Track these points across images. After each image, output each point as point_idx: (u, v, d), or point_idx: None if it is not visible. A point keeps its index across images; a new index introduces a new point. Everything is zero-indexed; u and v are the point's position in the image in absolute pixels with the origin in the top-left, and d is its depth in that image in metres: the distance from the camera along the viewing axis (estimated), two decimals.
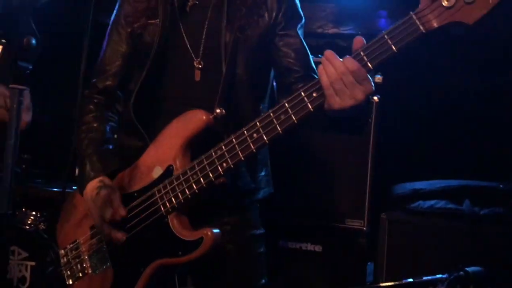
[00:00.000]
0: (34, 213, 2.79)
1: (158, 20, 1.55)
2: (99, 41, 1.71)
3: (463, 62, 3.11)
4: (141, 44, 1.59)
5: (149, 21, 1.57)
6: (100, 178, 1.52)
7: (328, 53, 1.30)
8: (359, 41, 1.28)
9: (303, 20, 1.64)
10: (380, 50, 1.25)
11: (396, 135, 3.16)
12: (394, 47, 1.23)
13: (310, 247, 2.82)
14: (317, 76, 1.31)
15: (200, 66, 1.55)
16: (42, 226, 2.71)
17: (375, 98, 2.78)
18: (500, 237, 2.46)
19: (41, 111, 3.22)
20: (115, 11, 1.67)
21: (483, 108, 3.08)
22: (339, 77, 1.26)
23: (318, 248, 2.80)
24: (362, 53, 1.26)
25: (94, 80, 1.68)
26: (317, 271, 2.79)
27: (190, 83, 1.55)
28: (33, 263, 2.66)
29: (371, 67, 1.26)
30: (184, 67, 1.56)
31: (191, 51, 1.56)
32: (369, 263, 2.77)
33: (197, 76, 1.55)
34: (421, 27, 1.22)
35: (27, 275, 2.68)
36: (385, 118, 2.85)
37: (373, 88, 1.27)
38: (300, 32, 1.62)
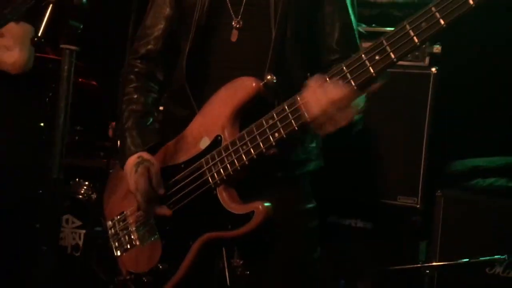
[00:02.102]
0: (87, 183, 2.86)
1: None
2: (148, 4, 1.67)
3: None
4: (185, 5, 1.53)
5: None
6: (140, 153, 1.49)
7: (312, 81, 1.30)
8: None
9: None
10: (456, 5, 1.12)
11: (454, 108, 3.00)
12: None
13: (360, 223, 2.77)
14: None
15: (238, 26, 1.47)
16: (95, 196, 2.78)
17: (433, 69, 2.65)
18: None
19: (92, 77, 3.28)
20: None
21: None
22: (323, 110, 1.26)
23: (369, 225, 2.75)
24: (433, 8, 1.14)
25: (135, 45, 1.63)
26: (367, 249, 2.74)
27: (227, 44, 1.48)
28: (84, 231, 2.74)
29: (444, 25, 1.14)
30: (224, 27, 1.48)
31: (230, 8, 1.48)
32: (422, 241, 2.68)
33: (234, 36, 1.48)
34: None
35: (81, 243, 2.76)
36: (443, 91, 2.71)
37: (352, 115, 1.26)
38: (349, 3, 1.52)
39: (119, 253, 1.57)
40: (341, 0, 1.51)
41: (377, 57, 1.19)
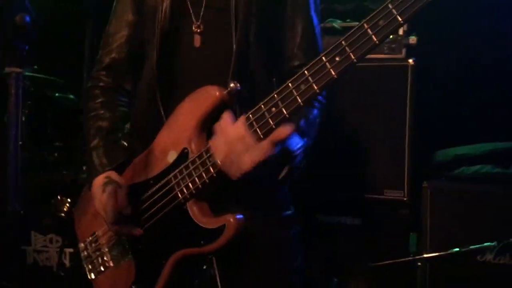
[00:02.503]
0: (69, 200, 2.80)
1: None
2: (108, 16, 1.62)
3: (505, 19, 2.87)
4: (147, 9, 1.48)
5: None
6: (107, 173, 1.44)
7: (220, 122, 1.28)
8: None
9: None
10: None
11: (434, 98, 2.98)
12: (400, 17, 1.10)
13: (349, 220, 2.76)
14: None
15: (199, 30, 1.43)
16: None
17: (410, 60, 2.63)
18: None
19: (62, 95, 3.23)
20: None
21: None
22: (229, 150, 1.25)
23: (357, 221, 2.73)
24: (390, 5, 1.11)
25: (99, 54, 1.58)
26: (358, 245, 2.72)
27: (191, 50, 1.43)
28: (71, 250, 2.69)
29: (401, 21, 1.11)
30: (185, 32, 1.44)
31: (191, 12, 1.43)
32: (411, 234, 2.67)
33: (197, 42, 1.43)
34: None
35: (66, 261, 2.71)
36: (421, 81, 2.69)
37: (262, 157, 1.23)
38: (312, 7, 1.48)
39: (93, 276, 1.52)
40: (303, 3, 1.47)
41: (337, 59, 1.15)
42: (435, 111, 3.00)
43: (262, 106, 1.26)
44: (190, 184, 1.36)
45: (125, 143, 1.53)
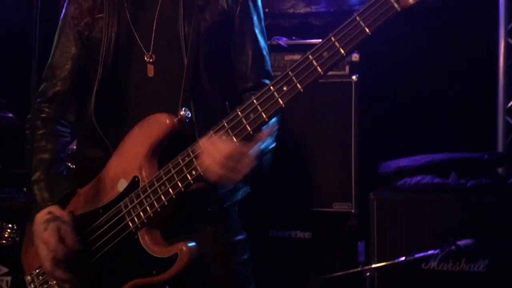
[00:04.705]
0: (10, 225, 2.68)
1: (104, 13, 1.43)
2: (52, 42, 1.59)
3: (440, 35, 3.04)
4: (91, 42, 1.47)
5: (97, 16, 1.45)
6: (49, 209, 1.40)
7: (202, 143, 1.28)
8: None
9: (261, 12, 1.54)
10: (352, 34, 1.14)
11: (377, 114, 3.09)
12: (368, 29, 1.14)
13: (299, 234, 2.80)
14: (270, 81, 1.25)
15: (151, 60, 1.43)
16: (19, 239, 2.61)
17: (354, 77, 2.72)
18: (488, 208, 2.43)
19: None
20: (62, 13, 1.54)
21: (461, 81, 3.03)
22: (217, 166, 1.24)
23: (307, 235, 2.78)
24: (333, 38, 1.16)
25: (42, 86, 1.55)
26: (309, 257, 2.77)
27: (144, 80, 1.43)
28: (9, 278, 2.57)
29: (344, 54, 1.16)
30: (136, 63, 1.44)
31: (140, 43, 1.44)
32: (359, 243, 2.74)
33: (150, 71, 1.43)
34: (395, 5, 1.12)
35: None
36: (365, 96, 2.78)
37: (250, 167, 1.25)
38: (258, 28, 1.51)
39: None
40: (250, 29, 1.50)
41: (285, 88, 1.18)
42: (378, 125, 3.11)
43: (212, 132, 1.27)
44: (141, 213, 1.34)
45: (69, 173, 1.50)
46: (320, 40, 1.16)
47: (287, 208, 2.78)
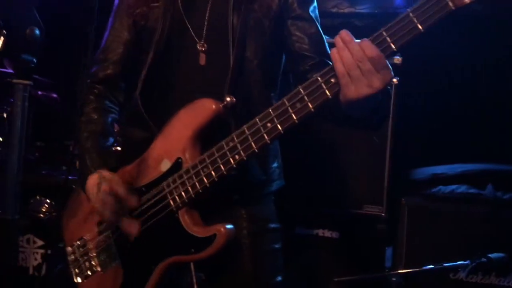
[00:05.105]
0: (48, 201, 2.77)
1: (159, 3, 1.48)
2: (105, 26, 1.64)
3: (484, 43, 2.98)
4: (145, 31, 1.52)
5: (152, 5, 1.50)
6: (100, 173, 1.45)
7: (344, 34, 1.19)
8: None
9: (315, 2, 1.56)
10: (405, 30, 1.15)
11: (415, 118, 3.06)
12: (420, 26, 1.14)
13: (327, 233, 2.79)
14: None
15: (203, 49, 1.47)
16: (57, 214, 2.70)
17: (394, 80, 2.69)
18: None
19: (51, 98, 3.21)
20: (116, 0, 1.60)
21: (506, 90, 2.97)
22: (356, 64, 1.15)
23: (335, 235, 2.77)
24: (384, 33, 1.16)
25: (94, 68, 1.61)
26: (334, 258, 2.76)
27: (195, 68, 1.48)
28: (49, 251, 2.66)
29: (395, 49, 1.16)
30: (188, 51, 1.48)
31: (192, 33, 1.48)
32: (387, 248, 2.72)
33: (202, 60, 1.48)
34: (450, 4, 1.12)
35: (43, 263, 2.67)
36: (404, 101, 2.76)
37: (392, 77, 1.18)
38: (313, 15, 1.54)
39: (79, 280, 1.52)
40: (309, 13, 1.53)
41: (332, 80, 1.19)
42: (416, 130, 3.07)
43: (258, 120, 1.30)
44: (183, 193, 1.38)
45: (117, 148, 1.55)
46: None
47: (317, 206, 2.78)
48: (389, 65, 1.18)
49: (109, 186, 1.40)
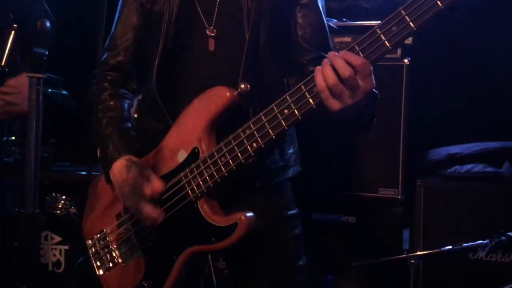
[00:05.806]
0: (64, 197, 2.79)
1: None
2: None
3: (496, 23, 2.93)
4: (154, 15, 1.49)
5: None
6: (126, 157, 1.44)
7: (330, 54, 1.22)
8: None
9: None
10: (425, 7, 1.13)
11: (428, 98, 3.02)
12: (440, 3, 1.12)
13: (343, 218, 2.78)
14: None
15: (212, 34, 1.45)
16: (73, 210, 2.71)
17: (405, 60, 2.67)
18: None
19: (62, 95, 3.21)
20: None
21: None
22: (338, 79, 1.19)
23: (351, 219, 2.76)
24: (403, 12, 1.14)
25: (105, 56, 1.59)
26: (352, 243, 2.75)
27: (204, 53, 1.45)
28: (66, 247, 2.68)
29: (414, 28, 1.14)
30: (197, 37, 1.46)
31: (203, 17, 1.46)
32: (404, 231, 2.71)
33: (211, 45, 1.45)
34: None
35: (62, 259, 2.70)
36: (416, 81, 2.73)
37: (374, 85, 1.22)
38: (320, 3, 1.52)
39: (101, 272, 1.53)
40: (314, 3, 1.51)
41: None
42: (429, 110, 3.04)
43: (274, 107, 1.28)
44: (201, 183, 1.37)
45: (134, 133, 1.54)
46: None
47: (332, 191, 2.77)
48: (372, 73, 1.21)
49: (139, 169, 1.39)
